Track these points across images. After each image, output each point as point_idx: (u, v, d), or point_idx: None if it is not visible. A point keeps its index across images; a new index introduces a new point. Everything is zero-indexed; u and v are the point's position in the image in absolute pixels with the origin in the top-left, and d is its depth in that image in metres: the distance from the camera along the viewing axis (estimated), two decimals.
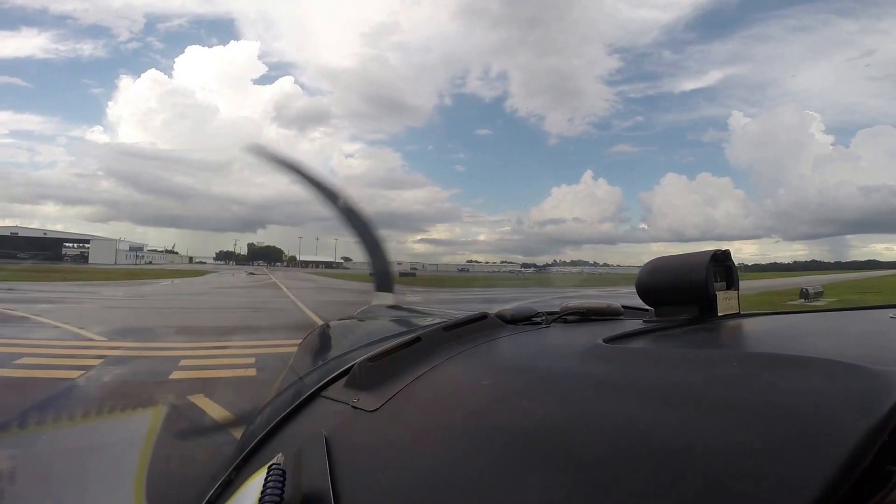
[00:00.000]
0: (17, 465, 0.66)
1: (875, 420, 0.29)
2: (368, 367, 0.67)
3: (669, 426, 0.36)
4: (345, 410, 0.62)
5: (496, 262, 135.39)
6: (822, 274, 59.19)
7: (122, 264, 66.03)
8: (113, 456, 0.78)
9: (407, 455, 0.48)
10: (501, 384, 0.57)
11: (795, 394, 0.36)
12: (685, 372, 0.46)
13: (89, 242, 77.14)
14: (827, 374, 0.36)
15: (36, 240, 74.10)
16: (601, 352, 0.57)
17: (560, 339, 0.79)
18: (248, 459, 0.65)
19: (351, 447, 0.53)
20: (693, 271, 0.73)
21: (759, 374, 0.41)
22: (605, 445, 0.37)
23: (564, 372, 0.56)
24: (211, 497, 0.60)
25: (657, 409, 0.39)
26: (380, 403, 0.59)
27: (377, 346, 0.82)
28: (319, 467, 0.48)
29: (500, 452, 0.41)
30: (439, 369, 0.65)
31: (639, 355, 0.57)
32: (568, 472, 0.35)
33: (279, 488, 0.42)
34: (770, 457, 0.30)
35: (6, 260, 51.90)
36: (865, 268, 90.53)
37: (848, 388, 0.34)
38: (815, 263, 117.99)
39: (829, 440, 0.29)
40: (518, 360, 0.70)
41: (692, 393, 0.41)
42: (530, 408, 0.47)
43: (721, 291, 0.74)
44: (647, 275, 0.79)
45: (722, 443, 0.33)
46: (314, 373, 0.96)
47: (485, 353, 0.71)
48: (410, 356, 0.69)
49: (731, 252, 0.76)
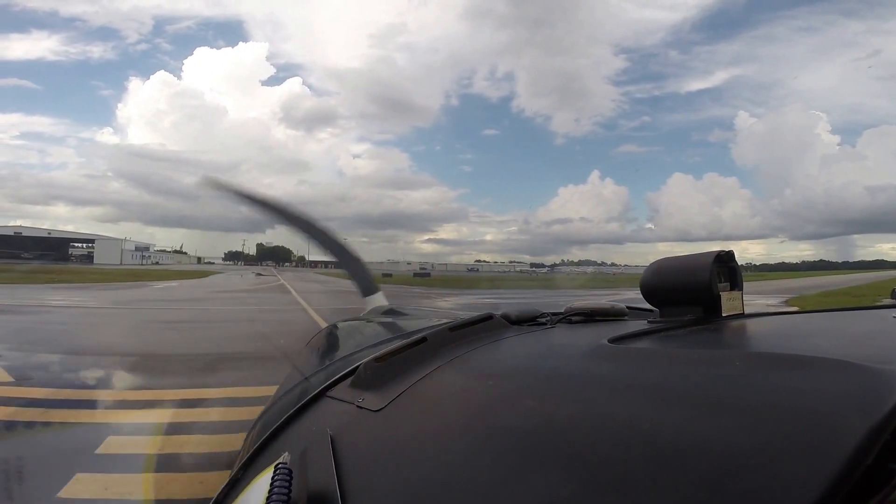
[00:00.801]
0: (24, 464, 0.65)
1: (878, 419, 0.29)
2: (374, 367, 0.68)
3: (674, 426, 0.36)
4: (350, 410, 0.62)
5: (504, 261, 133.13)
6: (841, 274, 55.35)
7: (128, 265, 63.75)
8: (122, 454, 0.79)
9: (412, 454, 0.48)
10: (507, 384, 0.57)
11: (798, 393, 0.36)
12: (689, 372, 0.46)
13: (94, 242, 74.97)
14: (830, 374, 0.37)
15: (40, 240, 72.18)
16: (606, 352, 0.57)
17: (565, 340, 0.79)
18: (254, 458, 0.66)
19: (356, 447, 0.54)
20: (697, 272, 0.73)
21: (762, 373, 0.41)
22: (611, 445, 0.37)
23: (570, 372, 0.57)
24: (219, 495, 0.61)
25: (662, 409, 0.39)
26: (385, 403, 0.59)
27: (383, 346, 0.82)
28: (326, 466, 0.48)
29: (505, 452, 0.41)
30: (445, 369, 0.65)
31: (643, 355, 0.57)
32: (573, 471, 0.36)
33: (286, 487, 0.43)
34: (773, 456, 0.30)
35: (9, 261, 49.60)
36: (874, 268, 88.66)
37: (850, 387, 0.34)
38: (824, 263, 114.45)
39: (832, 439, 0.29)
40: (523, 361, 0.70)
41: (696, 393, 0.41)
42: (535, 408, 0.47)
43: (725, 292, 0.75)
44: (652, 275, 0.79)
45: (726, 442, 0.33)
46: (320, 373, 0.97)
47: (490, 354, 0.71)
48: (416, 356, 0.69)
49: (735, 253, 0.76)
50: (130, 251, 77.37)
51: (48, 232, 76.21)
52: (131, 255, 75.91)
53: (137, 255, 78.03)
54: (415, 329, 1.09)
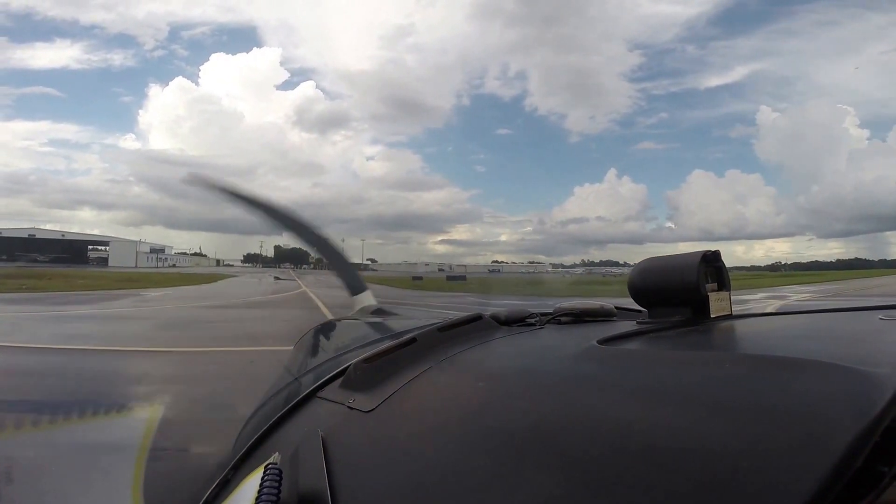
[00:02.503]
0: (13, 465, 0.66)
1: (867, 421, 0.29)
2: (364, 367, 0.68)
3: (662, 427, 0.37)
4: (341, 411, 0.63)
5: (521, 262, 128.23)
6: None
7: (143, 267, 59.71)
8: (110, 455, 0.77)
9: (403, 455, 0.48)
10: (496, 385, 0.58)
11: (788, 395, 0.36)
12: (679, 373, 0.47)
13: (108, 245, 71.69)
14: (819, 376, 0.37)
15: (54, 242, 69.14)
16: (595, 353, 0.57)
17: (554, 341, 0.79)
18: (244, 459, 0.66)
19: (347, 447, 0.54)
20: (684, 272, 0.72)
21: (751, 375, 0.41)
22: (600, 446, 0.37)
23: (559, 373, 0.57)
24: (208, 497, 0.61)
25: (651, 411, 0.40)
26: (375, 404, 0.60)
27: (372, 346, 0.83)
28: (316, 467, 0.49)
29: (495, 453, 0.41)
30: (434, 370, 0.65)
31: (633, 357, 0.58)
32: (563, 472, 0.36)
33: (276, 488, 0.43)
34: (763, 458, 0.30)
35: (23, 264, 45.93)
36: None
37: (839, 389, 0.34)
38: (860, 262, 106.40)
39: (821, 441, 0.29)
40: (513, 362, 0.70)
41: (685, 394, 0.41)
42: (525, 409, 0.48)
43: (713, 293, 0.74)
44: (639, 275, 0.78)
45: (715, 444, 0.33)
46: (310, 373, 0.97)
47: (480, 355, 0.71)
48: (406, 357, 0.69)
49: (720, 253, 0.75)
50: (146, 253, 74.09)
51: (62, 234, 73.92)
52: (147, 258, 72.52)
53: (153, 257, 74.51)
54: (404, 329, 1.08)
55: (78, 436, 0.80)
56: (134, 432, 0.78)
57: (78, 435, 0.80)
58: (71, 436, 0.79)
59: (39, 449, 0.75)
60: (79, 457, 0.76)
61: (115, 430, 0.84)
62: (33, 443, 0.75)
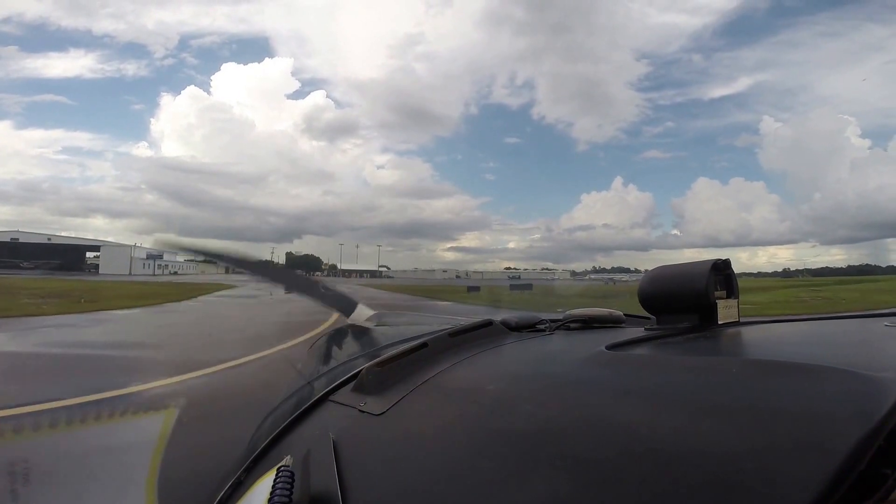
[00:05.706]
0: (29, 467, 0.68)
1: (871, 425, 0.30)
2: (375, 372, 0.69)
3: (671, 431, 0.37)
4: (352, 414, 0.64)
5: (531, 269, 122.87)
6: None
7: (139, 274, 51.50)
8: (125, 457, 0.81)
9: (413, 459, 0.49)
10: (506, 390, 0.59)
11: (793, 399, 0.36)
12: (687, 378, 0.48)
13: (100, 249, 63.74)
14: (824, 380, 0.37)
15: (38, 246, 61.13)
16: (604, 358, 0.59)
17: (564, 346, 0.81)
18: (257, 461, 0.67)
19: (358, 450, 0.55)
20: (694, 280, 0.74)
21: (757, 380, 0.43)
22: (609, 451, 0.38)
23: (569, 378, 0.58)
24: (221, 498, 0.62)
25: (659, 415, 0.40)
26: (386, 408, 0.61)
27: (384, 351, 0.84)
28: (327, 470, 0.50)
29: (505, 457, 0.42)
30: (445, 375, 0.67)
31: (641, 362, 0.59)
32: (572, 477, 0.36)
33: (288, 490, 0.44)
34: (768, 461, 0.31)
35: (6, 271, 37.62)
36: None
37: (844, 393, 0.35)
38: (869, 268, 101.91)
39: (826, 444, 0.30)
40: (522, 367, 0.72)
41: (693, 399, 0.43)
42: (535, 413, 0.49)
43: (721, 300, 0.76)
44: (649, 283, 0.80)
45: (721, 448, 0.34)
46: (322, 377, 0.99)
47: (490, 360, 0.73)
48: (417, 362, 0.71)
49: (730, 261, 0.77)
50: (142, 259, 65.88)
51: (48, 238, 66.24)
52: (143, 264, 64.43)
53: (150, 263, 66.35)
54: (415, 335, 1.09)
55: (94, 437, 0.81)
56: (149, 435, 0.79)
57: (94, 436, 0.81)
58: (87, 437, 0.81)
59: (55, 451, 0.76)
60: (95, 458, 0.78)
61: (130, 432, 0.85)
62: (49, 444, 0.76)
